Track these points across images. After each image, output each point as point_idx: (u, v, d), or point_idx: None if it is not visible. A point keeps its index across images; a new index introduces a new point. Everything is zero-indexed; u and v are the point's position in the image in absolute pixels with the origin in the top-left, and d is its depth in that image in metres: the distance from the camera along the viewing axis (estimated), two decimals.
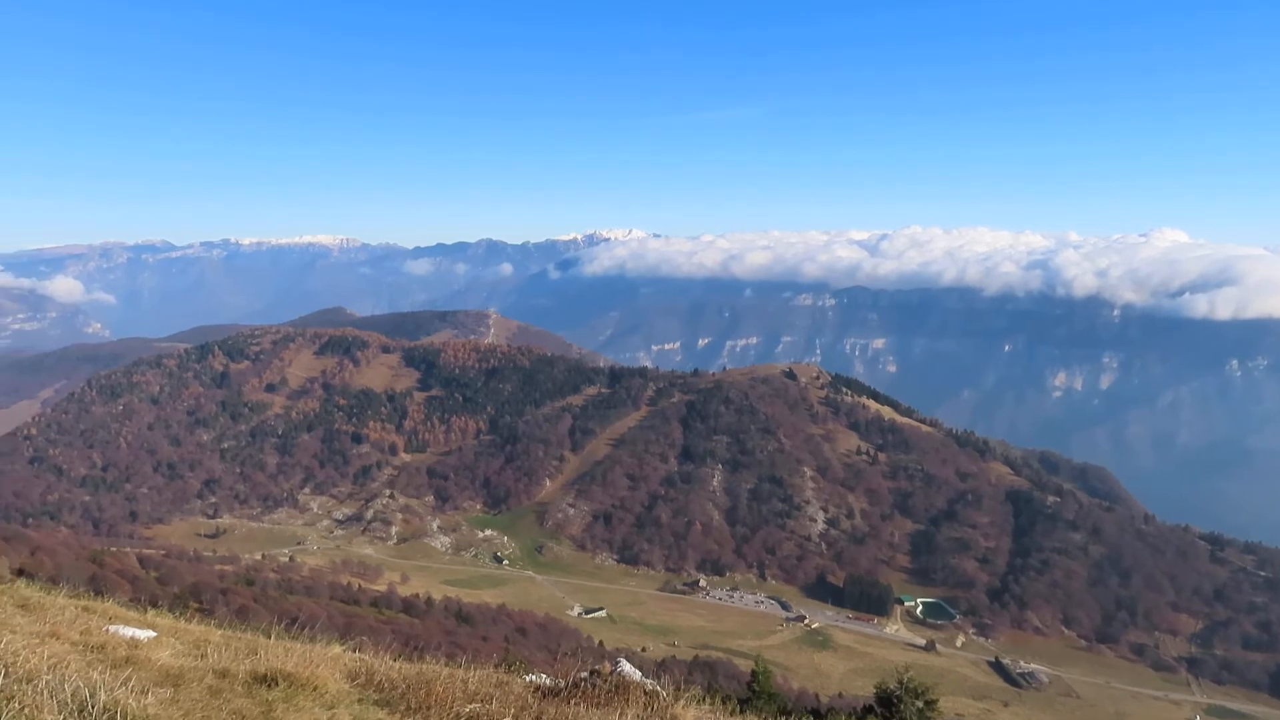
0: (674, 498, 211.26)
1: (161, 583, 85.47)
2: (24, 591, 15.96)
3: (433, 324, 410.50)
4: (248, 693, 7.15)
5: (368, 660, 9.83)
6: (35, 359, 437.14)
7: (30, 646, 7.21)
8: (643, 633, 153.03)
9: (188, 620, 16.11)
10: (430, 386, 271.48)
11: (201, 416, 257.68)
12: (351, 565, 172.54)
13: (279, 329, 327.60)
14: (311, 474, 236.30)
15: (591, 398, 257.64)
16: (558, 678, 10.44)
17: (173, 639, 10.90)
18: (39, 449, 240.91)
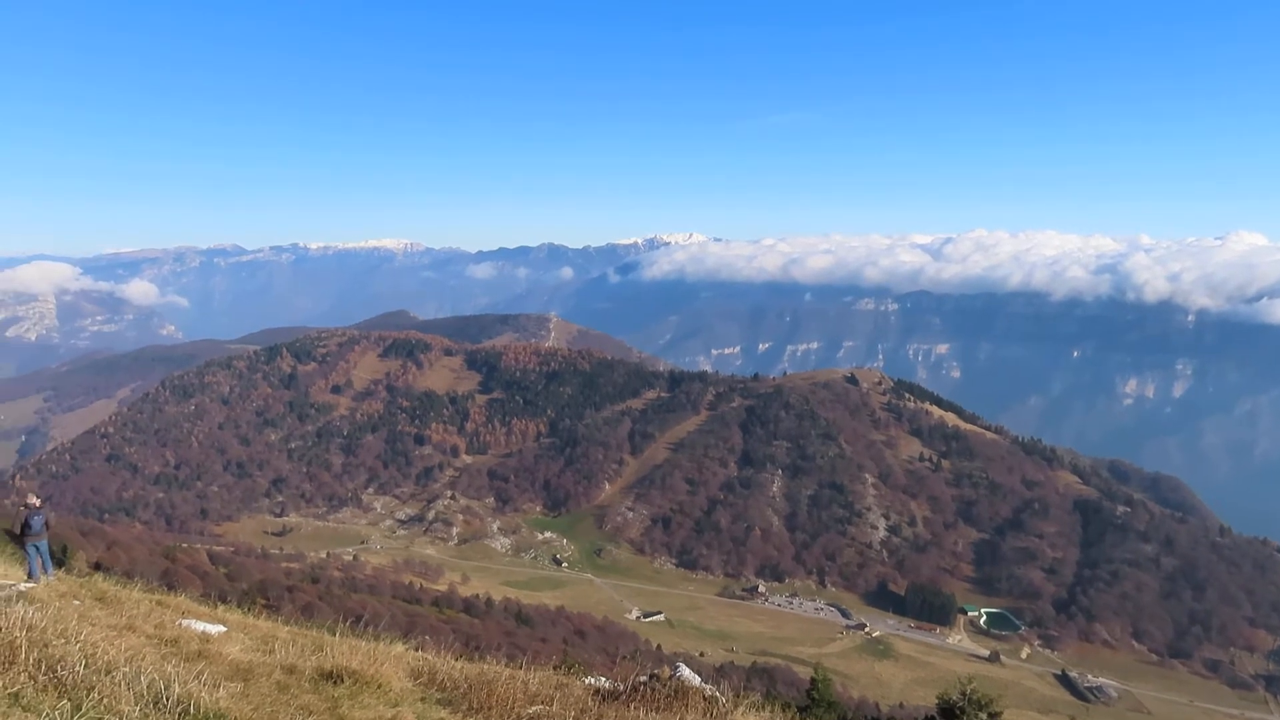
0: (733, 503, 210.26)
1: (230, 579, 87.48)
2: (101, 585, 16.50)
3: (494, 327, 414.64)
4: (314, 689, 7.29)
5: (430, 659, 9.95)
6: (112, 360, 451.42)
7: (108, 639, 7.44)
8: (701, 637, 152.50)
9: (256, 616, 16.48)
10: (491, 389, 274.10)
11: (270, 417, 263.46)
12: (413, 565, 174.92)
13: (345, 331, 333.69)
14: (375, 474, 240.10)
15: (651, 401, 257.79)
16: (617, 681, 10.44)
17: (242, 634, 11.14)
18: (115, 447, 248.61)
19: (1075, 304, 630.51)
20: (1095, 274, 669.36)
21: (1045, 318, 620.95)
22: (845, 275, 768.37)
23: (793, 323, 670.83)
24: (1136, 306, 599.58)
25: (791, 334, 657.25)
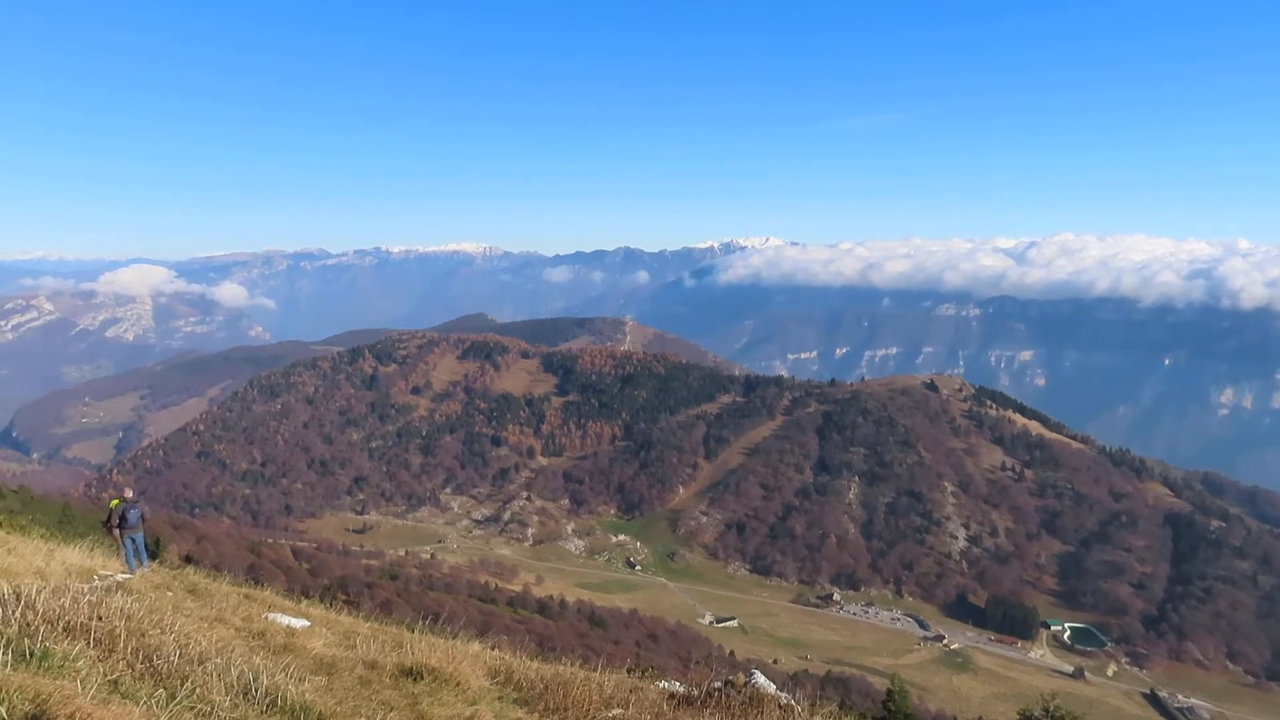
0: (809, 509, 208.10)
1: (313, 574, 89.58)
2: (192, 578, 17.06)
3: (570, 330, 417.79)
4: (395, 685, 7.43)
5: (507, 659, 10.05)
6: (203, 360, 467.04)
7: (200, 630, 7.69)
8: (774, 645, 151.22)
9: (337, 612, 16.85)
10: (567, 392, 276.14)
11: (352, 417, 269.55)
12: (489, 565, 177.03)
13: (424, 334, 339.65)
14: (453, 475, 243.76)
15: (726, 406, 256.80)
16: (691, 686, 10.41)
17: (325, 629, 11.37)
18: (205, 444, 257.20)
19: (1166, 310, 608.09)
20: (1188, 279, 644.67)
21: (1135, 324, 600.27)
22: (925, 280, 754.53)
23: (871, 328, 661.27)
24: (1233, 313, 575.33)
25: (869, 339, 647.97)
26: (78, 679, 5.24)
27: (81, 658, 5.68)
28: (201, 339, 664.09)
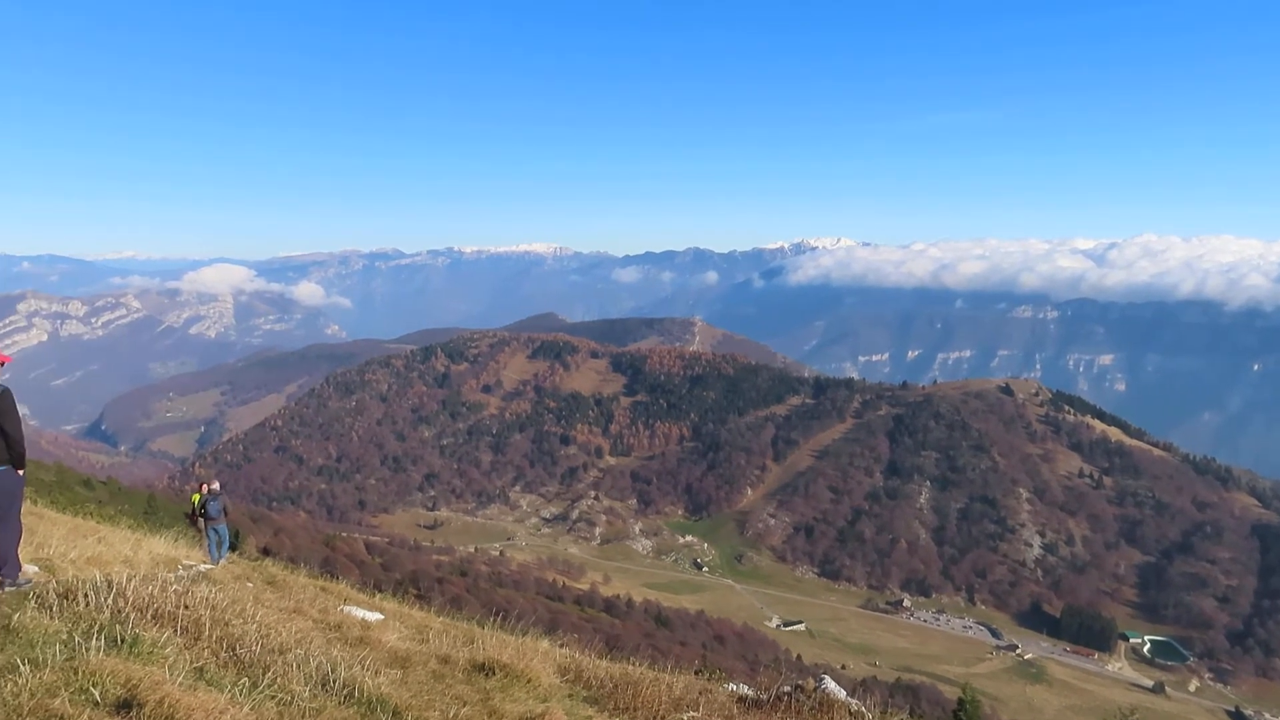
0: (879, 513, 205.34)
1: (385, 568, 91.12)
2: (271, 569, 17.47)
3: (639, 331, 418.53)
4: (467, 679, 7.49)
5: (576, 657, 10.07)
6: (281, 357, 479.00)
7: (280, 621, 7.86)
8: (842, 650, 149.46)
9: (409, 606, 17.11)
10: (636, 392, 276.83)
11: (424, 414, 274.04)
12: (557, 563, 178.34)
13: (495, 333, 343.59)
14: (522, 473, 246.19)
15: (795, 408, 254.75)
16: (760, 690, 10.31)
17: (398, 623, 11.52)
18: (283, 439, 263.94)
19: (1255, 314, 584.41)
20: (1278, 282, 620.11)
21: (1221, 328, 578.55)
22: (1000, 281, 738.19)
23: (944, 330, 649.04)
24: None
25: (942, 342, 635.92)
26: (165, 665, 5.40)
27: (169, 645, 5.85)
28: (280, 337, 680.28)
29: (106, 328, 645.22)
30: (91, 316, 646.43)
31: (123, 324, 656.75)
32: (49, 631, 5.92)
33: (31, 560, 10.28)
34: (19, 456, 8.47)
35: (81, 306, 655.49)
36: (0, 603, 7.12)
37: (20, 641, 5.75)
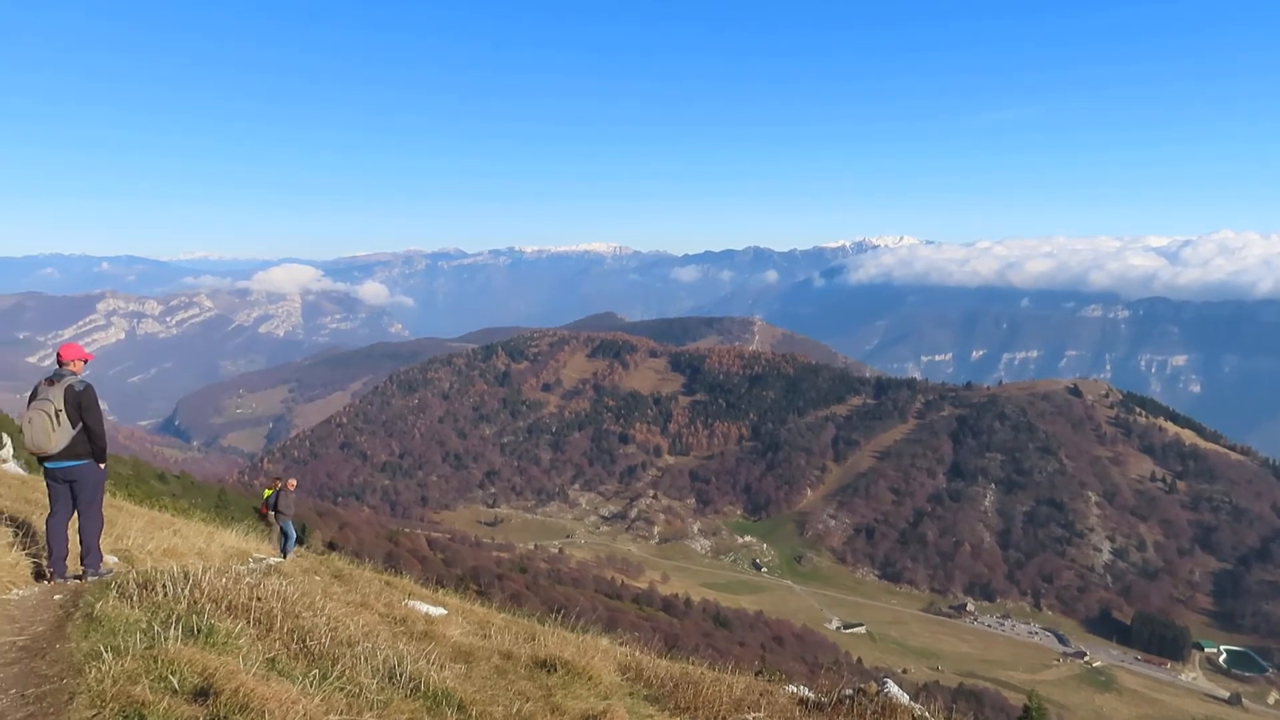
0: (941, 515, 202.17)
1: (446, 564, 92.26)
2: (337, 563, 17.84)
3: (699, 330, 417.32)
4: (529, 676, 7.57)
5: (637, 655, 10.11)
6: (347, 355, 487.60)
7: (347, 614, 8.02)
8: (904, 653, 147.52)
9: (470, 601, 17.33)
10: (695, 391, 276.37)
11: (485, 412, 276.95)
12: (615, 561, 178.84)
13: (555, 332, 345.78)
14: (581, 471, 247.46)
15: (856, 408, 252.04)
16: (821, 692, 10.23)
17: (460, 618, 11.66)
18: (348, 436, 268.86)
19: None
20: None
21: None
22: (1068, 280, 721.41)
23: (1010, 330, 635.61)
24: None
25: (1008, 341, 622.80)
26: (239, 656, 5.55)
27: (243, 636, 6.01)
28: (345, 335, 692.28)
29: (180, 326, 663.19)
30: (166, 315, 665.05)
31: (196, 323, 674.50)
32: (130, 620, 6.12)
33: (111, 551, 10.62)
34: (100, 451, 8.79)
35: (157, 306, 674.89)
36: (84, 592, 7.39)
37: (103, 629, 5.96)
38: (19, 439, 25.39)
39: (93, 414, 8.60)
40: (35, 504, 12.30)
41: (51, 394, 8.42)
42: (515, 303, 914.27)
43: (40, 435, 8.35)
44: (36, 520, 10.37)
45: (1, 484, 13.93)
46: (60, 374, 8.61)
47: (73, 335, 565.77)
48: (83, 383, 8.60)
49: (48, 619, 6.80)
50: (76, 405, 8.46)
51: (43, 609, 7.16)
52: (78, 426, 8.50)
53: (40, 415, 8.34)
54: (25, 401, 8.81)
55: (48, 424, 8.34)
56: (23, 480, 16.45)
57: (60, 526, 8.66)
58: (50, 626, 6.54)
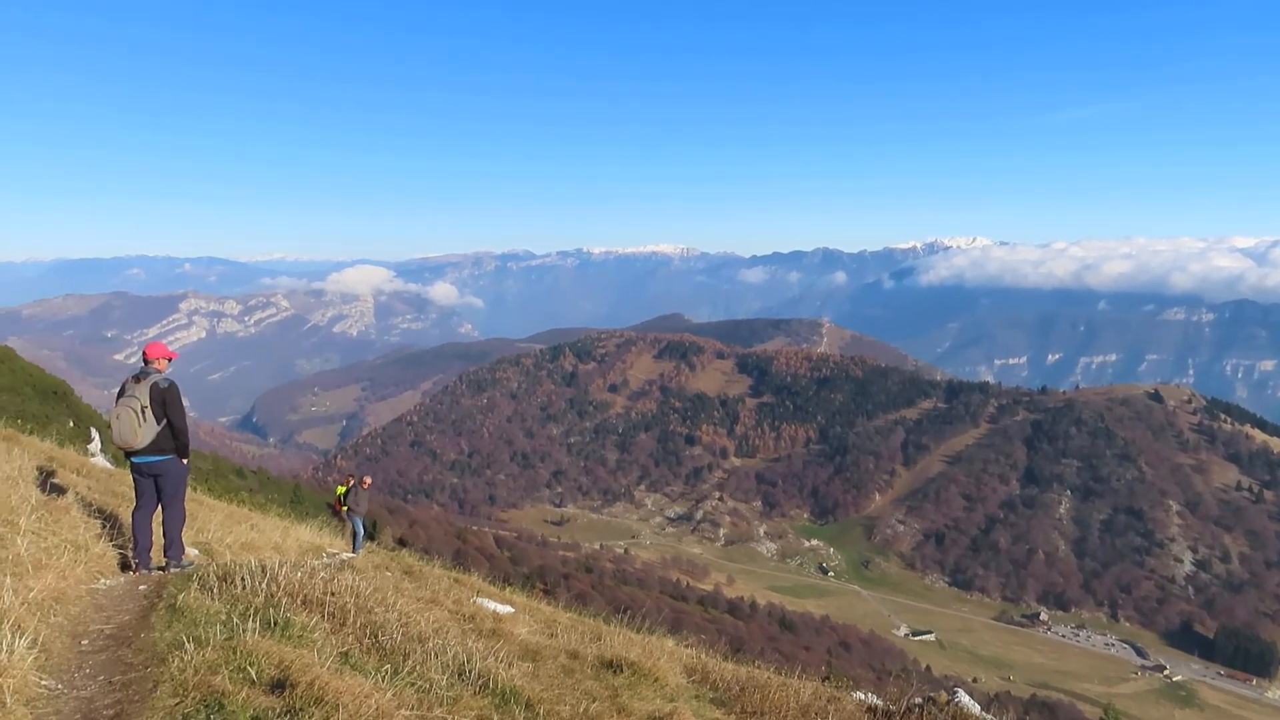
0: (1014, 522, 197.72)
1: (513, 562, 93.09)
2: (407, 560, 18.14)
3: (766, 331, 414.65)
4: (596, 676, 7.59)
5: (703, 658, 10.08)
6: (417, 355, 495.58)
7: (418, 610, 8.14)
8: (974, 662, 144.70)
9: (537, 600, 17.46)
10: (761, 393, 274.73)
11: (552, 412, 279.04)
12: (680, 562, 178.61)
13: (622, 333, 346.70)
14: (647, 472, 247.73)
15: (926, 412, 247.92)
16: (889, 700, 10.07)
17: (527, 616, 11.75)
18: (418, 434, 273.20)
19: None
20: None
21: None
22: (1148, 282, 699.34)
23: (1087, 333, 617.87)
24: None
25: (1085, 345, 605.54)
26: (314, 649, 5.67)
27: (317, 629, 6.14)
28: (416, 335, 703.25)
29: (258, 326, 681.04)
30: (245, 315, 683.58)
31: (273, 322, 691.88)
32: (210, 612, 6.30)
33: (193, 544, 10.95)
34: (184, 446, 9.08)
35: (236, 305, 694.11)
36: (167, 583, 7.64)
37: (185, 620, 6.14)
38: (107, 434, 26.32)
39: (176, 411, 8.89)
40: (122, 497, 12.73)
41: (138, 391, 8.73)
42: (583, 304, 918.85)
43: (127, 431, 8.66)
44: (123, 513, 10.74)
45: (91, 477, 14.45)
46: (146, 372, 8.92)
47: (156, 334, 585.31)
48: (167, 380, 8.90)
49: (133, 608, 7.04)
50: (161, 402, 8.77)
51: (128, 599, 7.41)
52: (162, 423, 8.80)
53: (127, 412, 8.66)
54: (114, 398, 9.14)
55: (134, 420, 8.65)
56: (110, 473, 17.05)
57: (145, 519, 8.96)
58: (135, 616, 6.76)
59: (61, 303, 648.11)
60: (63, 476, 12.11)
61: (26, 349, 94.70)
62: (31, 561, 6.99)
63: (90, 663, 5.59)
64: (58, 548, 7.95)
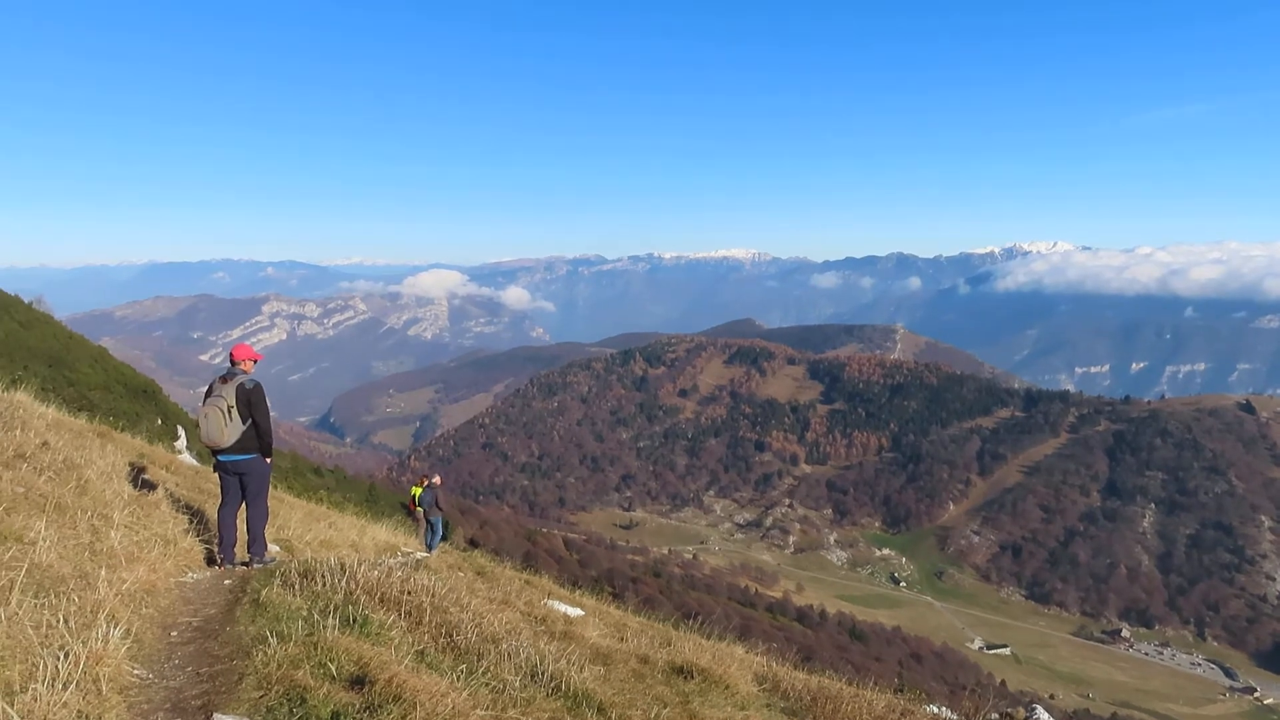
0: (1095, 536, 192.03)
1: (581, 565, 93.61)
2: (479, 560, 18.35)
3: (838, 337, 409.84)
4: (666, 681, 7.57)
5: (773, 666, 9.99)
6: (490, 358, 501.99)
7: (491, 611, 8.23)
8: (1052, 678, 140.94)
9: (605, 603, 17.50)
10: (833, 400, 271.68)
11: (622, 416, 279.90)
12: (749, 569, 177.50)
13: (692, 338, 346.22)
14: (716, 477, 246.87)
15: (1003, 420, 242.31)
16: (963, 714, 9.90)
17: (597, 619, 11.78)
18: (490, 436, 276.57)
19: None
20: None
21: None
22: (1239, 288, 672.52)
23: (1173, 341, 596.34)
24: None
25: (1171, 353, 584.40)
26: (391, 647, 5.77)
27: (394, 628, 6.25)
28: (489, 339, 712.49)
29: (336, 328, 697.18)
30: (324, 318, 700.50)
31: (350, 325, 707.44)
32: (292, 608, 6.46)
33: (274, 540, 11.25)
34: (267, 446, 9.36)
35: (315, 308, 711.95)
36: (251, 578, 7.86)
37: (269, 615, 6.31)
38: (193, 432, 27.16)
39: (261, 411, 9.18)
40: (207, 493, 13.14)
41: (225, 391, 9.04)
42: (653, 308, 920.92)
43: (214, 430, 8.96)
44: (208, 508, 11.07)
45: (178, 474, 14.93)
46: (233, 372, 9.24)
47: (240, 335, 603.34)
48: (253, 381, 9.19)
49: (218, 602, 7.25)
50: (247, 402, 9.07)
51: (214, 593, 7.64)
52: (247, 422, 9.10)
53: (215, 411, 8.97)
54: (200, 397, 9.46)
55: (221, 419, 8.95)
56: (196, 470, 17.59)
57: (230, 516, 9.25)
58: (221, 609, 6.97)
59: (151, 304, 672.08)
60: (152, 473, 12.54)
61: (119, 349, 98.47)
62: (124, 554, 7.25)
63: (179, 654, 5.78)
64: (148, 541, 8.24)
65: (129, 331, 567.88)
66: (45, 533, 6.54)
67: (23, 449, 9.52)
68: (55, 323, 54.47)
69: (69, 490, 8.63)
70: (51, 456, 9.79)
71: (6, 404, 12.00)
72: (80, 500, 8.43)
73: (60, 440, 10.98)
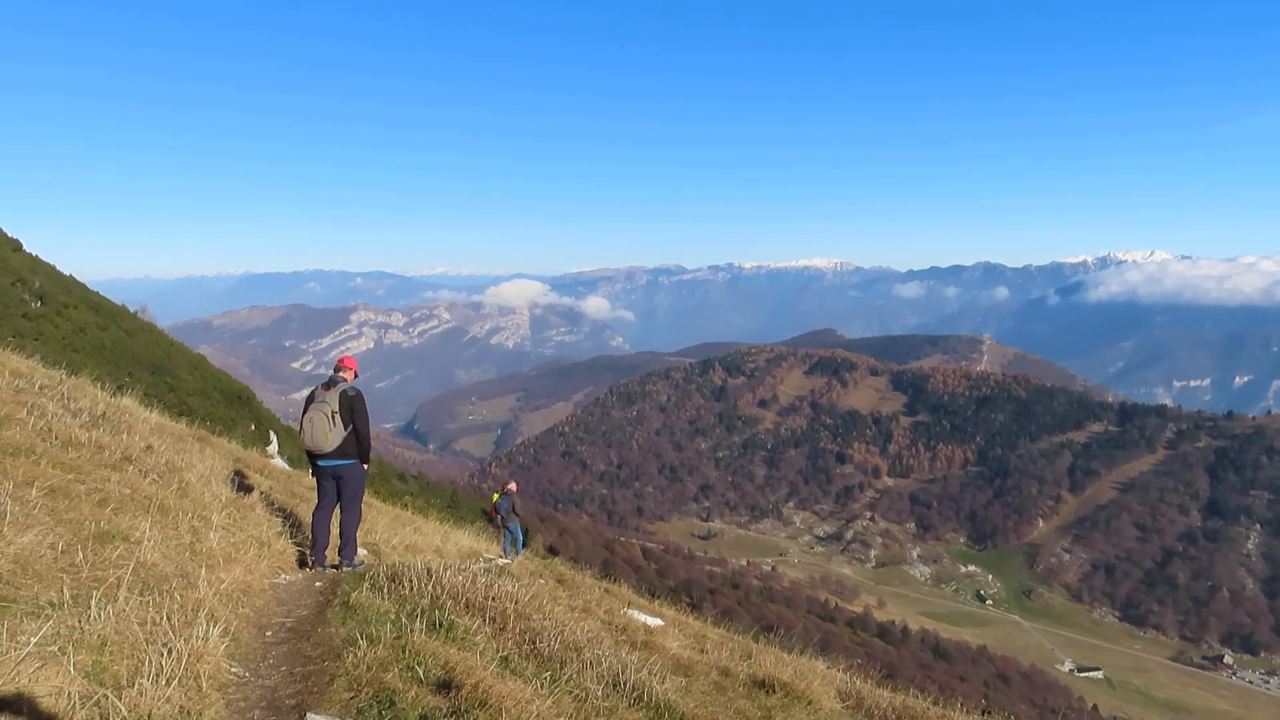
0: (1195, 556, 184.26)
1: (659, 575, 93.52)
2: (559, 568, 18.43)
3: (922, 348, 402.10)
4: (748, 695, 7.51)
5: (856, 682, 9.84)
6: (570, 367, 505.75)
7: (572, 619, 8.28)
8: (1146, 704, 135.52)
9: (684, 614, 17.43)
10: (917, 411, 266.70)
11: (701, 426, 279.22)
12: (829, 583, 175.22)
13: (772, 348, 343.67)
14: (796, 489, 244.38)
15: (1096, 435, 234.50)
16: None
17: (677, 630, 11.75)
18: (569, 445, 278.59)
19: None
20: None
21: None
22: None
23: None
24: None
25: (1279, 367, 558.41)
26: (476, 652, 5.85)
27: (479, 633, 6.33)
28: (569, 347, 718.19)
29: (421, 337, 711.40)
30: (409, 327, 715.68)
31: (434, 334, 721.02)
32: (381, 611, 6.60)
33: (362, 544, 11.51)
34: (366, 451, 9.65)
35: (401, 317, 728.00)
36: (341, 580, 8.06)
37: (359, 618, 6.46)
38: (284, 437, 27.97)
39: (362, 418, 9.48)
40: (300, 497, 13.51)
41: (328, 397, 9.35)
42: (733, 318, 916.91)
43: (319, 435, 9.25)
44: (301, 511, 11.39)
45: (272, 477, 15.39)
46: (335, 380, 9.55)
47: (329, 344, 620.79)
48: (354, 389, 9.51)
49: (310, 604, 7.45)
50: (349, 409, 9.38)
51: (306, 594, 7.86)
52: (349, 428, 9.40)
53: (320, 416, 9.27)
54: (291, 404, 9.76)
55: (326, 424, 9.25)
56: (288, 474, 18.12)
57: (324, 519, 9.52)
58: (313, 611, 7.16)
59: (246, 314, 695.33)
60: (248, 476, 12.96)
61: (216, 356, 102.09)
62: (222, 555, 7.51)
63: (273, 653, 5.95)
64: (245, 543, 8.52)
65: (226, 339, 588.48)
66: (150, 533, 6.81)
67: (129, 452, 9.94)
68: (158, 331, 56.79)
69: (171, 492, 8.97)
70: (155, 460, 10.20)
71: (114, 409, 12.54)
72: (181, 502, 8.76)
73: (163, 444, 11.43)
